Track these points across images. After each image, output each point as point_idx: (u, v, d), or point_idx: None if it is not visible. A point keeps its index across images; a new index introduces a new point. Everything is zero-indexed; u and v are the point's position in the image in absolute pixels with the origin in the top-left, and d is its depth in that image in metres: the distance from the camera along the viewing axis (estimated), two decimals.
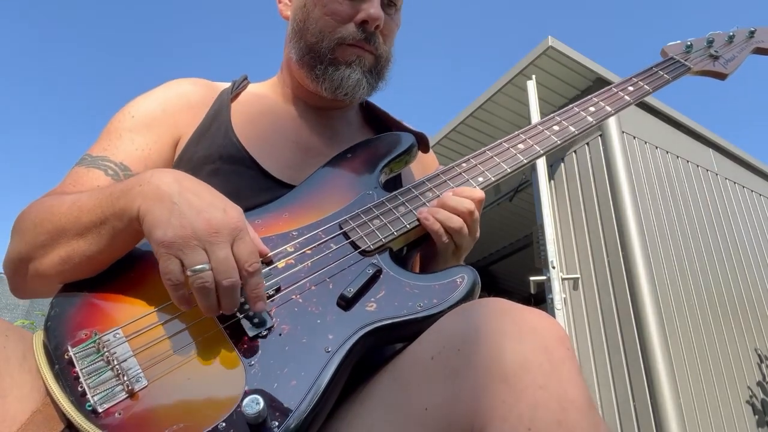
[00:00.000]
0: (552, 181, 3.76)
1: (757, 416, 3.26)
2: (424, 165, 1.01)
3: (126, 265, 0.67)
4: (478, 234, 0.78)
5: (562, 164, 3.79)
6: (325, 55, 0.85)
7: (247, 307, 0.62)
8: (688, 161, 3.95)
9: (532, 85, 3.54)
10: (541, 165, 3.37)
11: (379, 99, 1.00)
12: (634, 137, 3.58)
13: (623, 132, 3.48)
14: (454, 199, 0.75)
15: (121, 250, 0.66)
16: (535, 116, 3.39)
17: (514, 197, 4.66)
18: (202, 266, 0.56)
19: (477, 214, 0.76)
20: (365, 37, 0.85)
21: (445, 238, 0.74)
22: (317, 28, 0.85)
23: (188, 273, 0.56)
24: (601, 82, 3.71)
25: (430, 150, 1.00)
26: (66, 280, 0.65)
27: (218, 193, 0.64)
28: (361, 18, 0.84)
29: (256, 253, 0.60)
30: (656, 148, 3.73)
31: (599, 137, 3.50)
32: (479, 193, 0.77)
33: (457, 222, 0.74)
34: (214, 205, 0.60)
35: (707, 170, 4.09)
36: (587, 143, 3.61)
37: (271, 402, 0.53)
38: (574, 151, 3.70)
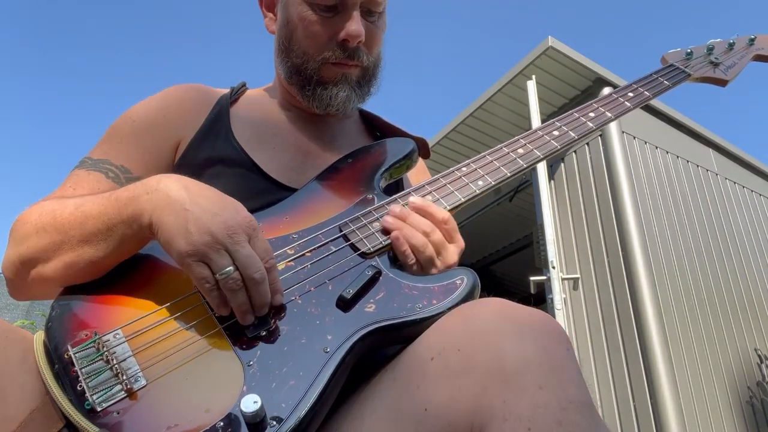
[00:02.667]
0: (552, 182, 3.76)
1: (757, 416, 3.26)
2: (416, 169, 1.01)
3: (127, 266, 0.67)
4: (450, 257, 0.72)
5: (562, 164, 3.79)
6: (311, 76, 0.86)
7: None
8: (688, 161, 3.95)
9: (532, 85, 3.54)
10: (541, 165, 3.38)
11: (378, 99, 1.01)
12: (634, 137, 3.58)
13: (623, 132, 3.48)
14: (413, 216, 0.73)
15: (127, 254, 0.67)
16: (535, 116, 3.39)
17: (514, 197, 4.66)
18: (229, 269, 0.59)
19: (438, 235, 0.72)
20: (348, 54, 0.85)
21: (411, 258, 0.70)
22: (301, 50, 0.86)
23: (218, 277, 0.58)
24: (601, 82, 3.71)
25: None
26: (69, 284, 0.66)
27: (224, 195, 0.65)
28: (342, 37, 0.83)
29: (270, 250, 0.63)
30: (656, 148, 3.74)
31: (599, 137, 3.51)
32: (441, 213, 0.73)
33: (420, 240, 0.70)
34: (226, 207, 0.62)
35: (707, 170, 4.10)
36: (587, 143, 3.61)
37: (269, 402, 0.53)
38: (574, 152, 3.70)
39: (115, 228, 0.64)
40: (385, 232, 0.72)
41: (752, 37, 1.13)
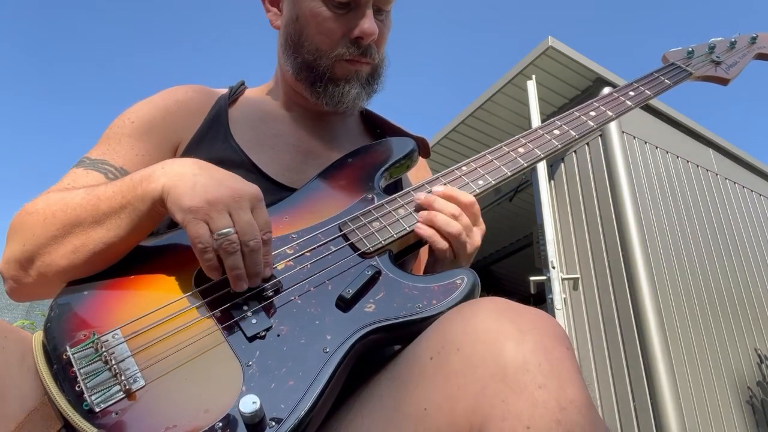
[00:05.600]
0: (552, 182, 3.76)
1: (757, 416, 3.26)
2: (417, 168, 1.01)
3: (127, 265, 0.67)
4: (476, 240, 0.75)
5: (562, 164, 3.79)
6: (324, 73, 0.86)
7: (245, 308, 0.62)
8: (688, 161, 3.95)
9: (532, 85, 3.54)
10: (541, 165, 3.37)
11: (379, 98, 1.01)
12: (634, 137, 3.58)
13: (623, 132, 3.48)
14: (439, 201, 0.74)
15: (139, 234, 0.67)
16: (535, 116, 3.39)
17: (514, 197, 4.66)
18: (228, 229, 0.60)
19: (465, 219, 0.74)
20: (361, 52, 0.85)
21: (442, 243, 0.72)
22: (313, 46, 0.85)
23: (215, 236, 0.60)
24: (601, 82, 3.71)
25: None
26: (75, 274, 0.65)
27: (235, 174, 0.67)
28: (356, 34, 0.83)
29: (269, 223, 0.65)
30: (656, 148, 3.74)
31: (599, 137, 3.51)
32: (467, 197, 0.75)
33: (454, 227, 0.72)
34: (235, 177, 0.65)
35: (707, 170, 4.10)
36: (587, 143, 3.61)
37: (269, 402, 0.53)
38: (574, 152, 3.70)
39: (129, 205, 0.65)
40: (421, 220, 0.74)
41: (754, 35, 1.13)
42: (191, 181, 0.62)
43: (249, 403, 0.51)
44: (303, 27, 0.86)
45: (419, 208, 0.76)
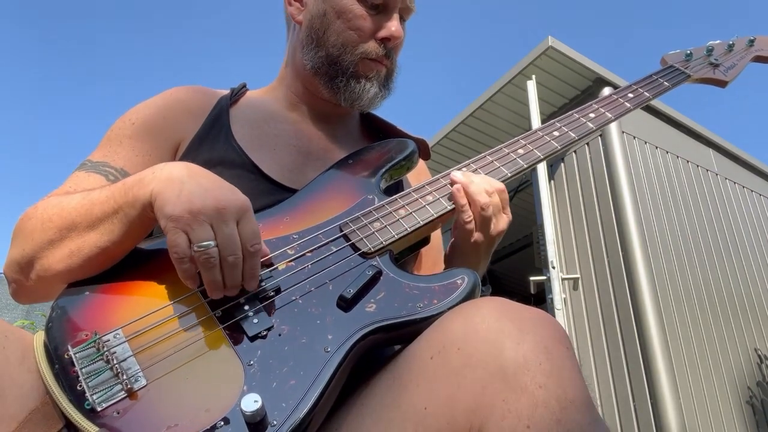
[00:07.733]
0: (552, 182, 3.77)
1: (757, 416, 3.26)
2: (416, 170, 1.02)
3: (127, 266, 0.67)
4: (501, 224, 0.78)
5: (562, 164, 3.79)
6: (347, 68, 0.87)
7: (246, 308, 0.62)
8: (688, 161, 3.96)
9: (532, 85, 3.55)
10: (541, 165, 3.38)
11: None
12: (634, 137, 3.58)
13: (623, 132, 3.48)
14: (478, 176, 0.78)
15: (132, 239, 0.67)
16: (535, 116, 3.39)
17: (514, 197, 4.66)
18: (208, 242, 0.58)
19: (497, 198, 0.77)
20: (385, 53, 0.88)
21: (468, 215, 0.75)
22: (339, 41, 0.87)
23: (194, 248, 0.58)
24: (601, 82, 3.71)
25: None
26: (73, 277, 0.66)
27: (225, 181, 0.66)
28: (383, 35, 0.86)
29: (258, 235, 0.63)
30: (656, 148, 3.74)
31: (599, 137, 3.51)
32: (498, 183, 0.78)
33: (484, 197, 0.75)
34: (223, 187, 0.63)
35: (707, 170, 4.10)
36: (587, 143, 3.61)
37: (270, 401, 0.53)
38: (574, 152, 3.71)
39: (121, 210, 0.64)
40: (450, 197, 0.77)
41: (752, 38, 1.13)
42: (178, 188, 0.61)
43: (250, 402, 0.51)
44: (331, 22, 0.87)
45: (419, 207, 0.77)
